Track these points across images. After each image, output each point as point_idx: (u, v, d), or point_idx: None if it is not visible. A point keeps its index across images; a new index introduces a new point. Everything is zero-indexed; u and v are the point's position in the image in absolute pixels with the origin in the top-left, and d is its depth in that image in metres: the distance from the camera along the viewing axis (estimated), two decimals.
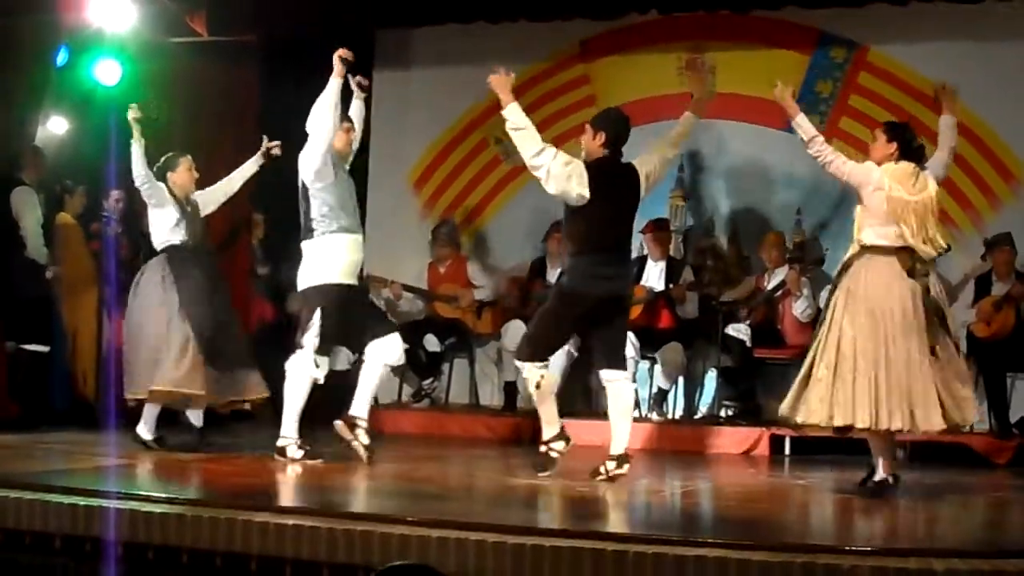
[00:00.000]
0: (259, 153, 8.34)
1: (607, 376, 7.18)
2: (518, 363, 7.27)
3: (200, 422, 7.97)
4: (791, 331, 9.46)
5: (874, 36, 9.90)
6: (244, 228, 10.05)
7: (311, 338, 7.44)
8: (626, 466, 7.01)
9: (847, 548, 4.95)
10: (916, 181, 6.60)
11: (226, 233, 9.68)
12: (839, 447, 8.11)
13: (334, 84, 7.38)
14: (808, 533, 5.82)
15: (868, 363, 6.42)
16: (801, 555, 4.77)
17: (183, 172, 8.04)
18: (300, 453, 7.46)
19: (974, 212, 9.37)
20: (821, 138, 6.81)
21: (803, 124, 6.82)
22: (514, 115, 7.08)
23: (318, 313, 7.41)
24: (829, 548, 4.96)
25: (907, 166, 6.63)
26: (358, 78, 7.79)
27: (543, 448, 7.17)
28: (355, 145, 7.86)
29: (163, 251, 7.97)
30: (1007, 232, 9.08)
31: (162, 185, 7.92)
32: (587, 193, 6.99)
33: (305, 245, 7.53)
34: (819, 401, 6.50)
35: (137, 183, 7.86)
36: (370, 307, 8.35)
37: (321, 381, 7.56)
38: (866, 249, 6.65)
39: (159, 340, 7.77)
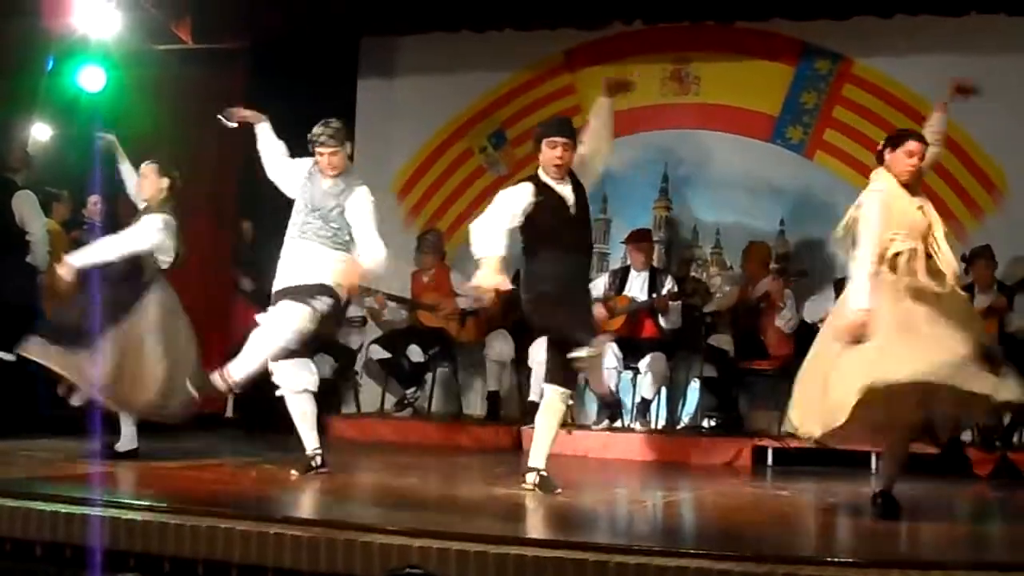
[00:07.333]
0: None
1: (545, 388, 7.02)
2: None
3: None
4: (774, 342, 9.48)
5: (858, 48, 9.96)
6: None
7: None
8: (532, 476, 6.81)
9: (828, 560, 4.96)
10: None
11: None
12: (821, 459, 8.13)
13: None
14: (790, 544, 5.81)
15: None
16: (782, 566, 4.76)
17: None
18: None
19: (956, 223, 9.38)
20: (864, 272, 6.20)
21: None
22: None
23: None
24: (810, 560, 4.96)
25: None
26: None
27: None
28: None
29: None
30: (987, 244, 9.13)
31: None
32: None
33: None
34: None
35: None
36: None
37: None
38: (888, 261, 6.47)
39: None
